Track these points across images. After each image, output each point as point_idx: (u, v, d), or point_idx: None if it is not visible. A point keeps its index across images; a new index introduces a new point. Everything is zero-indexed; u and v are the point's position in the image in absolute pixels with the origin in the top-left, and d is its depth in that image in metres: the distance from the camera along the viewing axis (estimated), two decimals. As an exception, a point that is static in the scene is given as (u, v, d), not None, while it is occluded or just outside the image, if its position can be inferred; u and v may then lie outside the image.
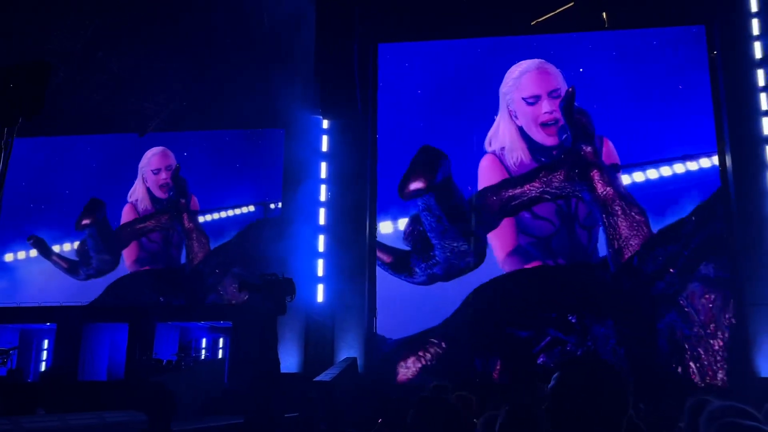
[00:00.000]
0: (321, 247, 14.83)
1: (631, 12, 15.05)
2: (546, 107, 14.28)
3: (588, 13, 15.43)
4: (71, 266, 17.26)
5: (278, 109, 15.17)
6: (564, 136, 14.02)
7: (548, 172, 13.86)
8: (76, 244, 17.35)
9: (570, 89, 14.05)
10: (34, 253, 17.44)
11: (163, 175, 17.44)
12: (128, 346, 15.69)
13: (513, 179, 14.07)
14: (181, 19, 15.35)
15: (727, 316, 12.82)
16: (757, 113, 13.67)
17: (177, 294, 16.51)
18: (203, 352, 18.36)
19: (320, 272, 14.69)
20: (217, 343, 18.69)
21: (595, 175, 13.64)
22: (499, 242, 13.99)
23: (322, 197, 15.10)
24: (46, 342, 17.81)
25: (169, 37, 15.91)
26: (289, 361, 13.45)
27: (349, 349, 13.81)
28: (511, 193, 14.02)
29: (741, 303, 12.96)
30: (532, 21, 15.58)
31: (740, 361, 12.69)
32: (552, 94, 14.44)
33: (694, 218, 13.44)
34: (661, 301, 12.95)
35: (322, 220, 14.98)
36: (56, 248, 17.41)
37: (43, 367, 17.39)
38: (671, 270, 12.97)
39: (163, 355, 15.65)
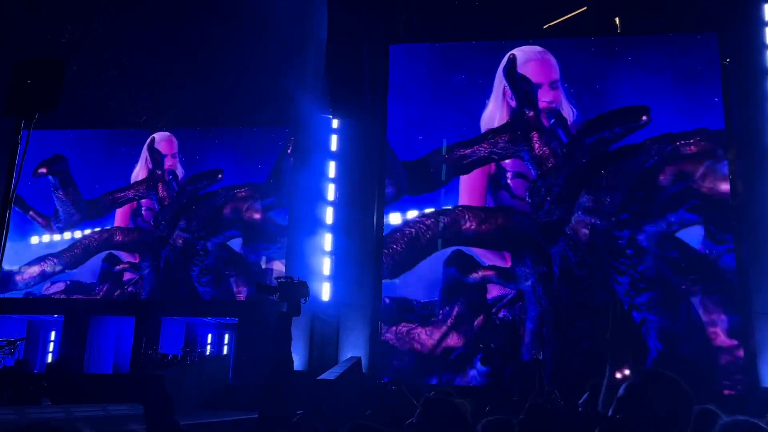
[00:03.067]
0: (327, 246, 14.86)
1: (643, 18, 15.03)
2: (545, 96, 14.76)
3: (600, 19, 15.41)
4: (46, 221, 17.73)
5: (287, 107, 15.22)
6: (552, 121, 14.57)
7: (495, 135, 14.69)
8: (78, 233, 17.74)
9: (511, 56, 14.72)
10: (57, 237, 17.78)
11: (169, 161, 17.65)
12: (134, 339, 15.79)
13: (465, 141, 14.80)
14: (193, 17, 15.43)
15: (605, 243, 13.62)
16: (768, 121, 13.63)
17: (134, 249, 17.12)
18: (208, 347, 18.44)
19: (326, 271, 14.72)
20: (222, 339, 18.77)
21: (535, 136, 14.44)
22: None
23: (330, 196, 15.13)
24: (53, 333, 17.94)
25: (180, 35, 16.00)
26: (294, 359, 13.47)
27: (353, 349, 13.83)
28: (463, 153, 14.76)
29: (749, 313, 12.97)
30: (544, 25, 15.59)
31: (749, 371, 12.74)
32: (552, 84, 14.80)
33: (564, 150, 14.21)
34: (552, 232, 13.85)
35: (329, 219, 15.01)
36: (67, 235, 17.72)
37: (49, 358, 17.51)
38: (548, 199, 13.92)
39: (169, 350, 15.73)
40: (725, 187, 13.56)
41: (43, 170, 17.73)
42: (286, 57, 15.17)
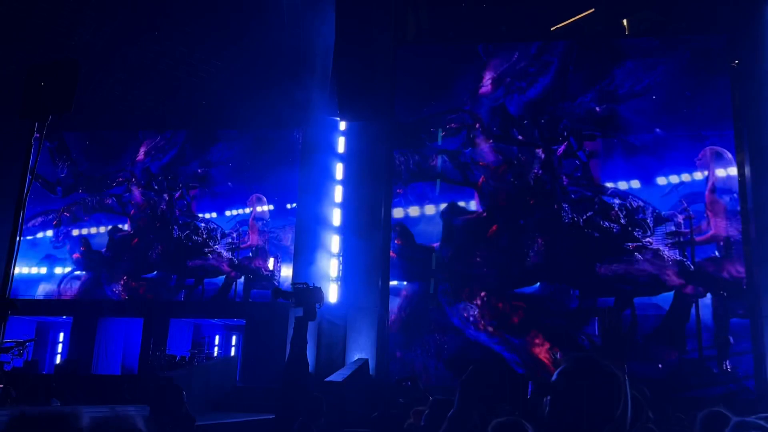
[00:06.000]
0: (335, 248, 14.88)
1: (652, 20, 15.01)
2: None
3: (608, 21, 15.39)
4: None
5: (295, 110, 15.24)
6: None
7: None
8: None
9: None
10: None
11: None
12: (142, 341, 15.83)
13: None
14: (202, 22, 15.50)
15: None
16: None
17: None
18: (216, 349, 18.48)
19: (333, 273, 14.73)
20: (229, 340, 18.81)
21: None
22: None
23: (338, 198, 15.15)
24: (61, 335, 18.01)
25: (190, 39, 16.07)
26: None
27: (361, 351, 13.84)
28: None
29: (758, 316, 12.93)
30: (552, 27, 15.58)
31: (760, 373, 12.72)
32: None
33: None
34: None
35: (336, 221, 15.02)
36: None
37: (58, 359, 17.58)
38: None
39: (177, 351, 15.77)
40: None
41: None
42: (295, 59, 15.20)
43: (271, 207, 16.99)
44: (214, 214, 17.40)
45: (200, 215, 17.42)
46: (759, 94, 13.75)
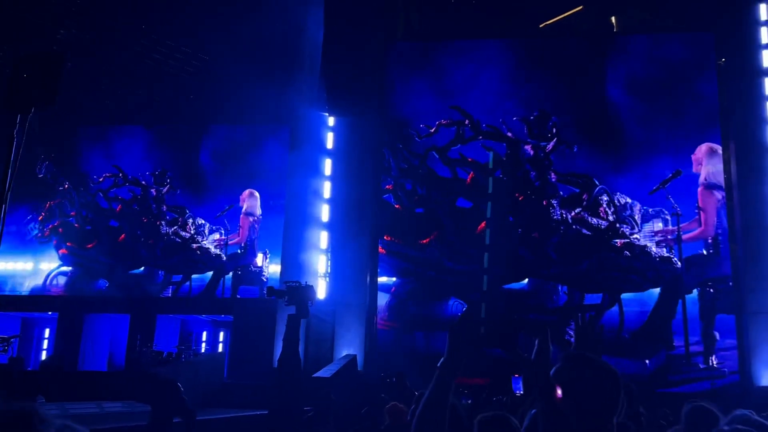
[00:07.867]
0: (323, 244, 14.84)
1: (640, 18, 15.08)
2: None
3: (597, 18, 15.44)
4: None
5: (283, 105, 15.16)
6: None
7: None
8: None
9: None
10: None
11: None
12: (129, 337, 15.72)
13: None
14: (189, 15, 15.38)
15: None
16: (763, 121, 13.67)
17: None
18: (203, 345, 18.40)
19: (322, 269, 14.69)
20: (217, 336, 18.73)
21: None
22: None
23: (326, 194, 15.10)
24: (47, 331, 17.84)
25: (178, 34, 15.95)
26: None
27: (349, 347, 13.82)
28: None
29: (743, 312, 13.03)
30: (541, 24, 15.61)
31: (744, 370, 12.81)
32: None
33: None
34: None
35: (325, 217, 14.97)
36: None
37: (43, 355, 17.42)
38: None
39: (164, 347, 15.67)
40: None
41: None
42: (283, 54, 15.12)
43: (260, 203, 16.94)
44: (201, 210, 17.32)
45: (188, 211, 17.33)
46: (745, 92, 13.84)
